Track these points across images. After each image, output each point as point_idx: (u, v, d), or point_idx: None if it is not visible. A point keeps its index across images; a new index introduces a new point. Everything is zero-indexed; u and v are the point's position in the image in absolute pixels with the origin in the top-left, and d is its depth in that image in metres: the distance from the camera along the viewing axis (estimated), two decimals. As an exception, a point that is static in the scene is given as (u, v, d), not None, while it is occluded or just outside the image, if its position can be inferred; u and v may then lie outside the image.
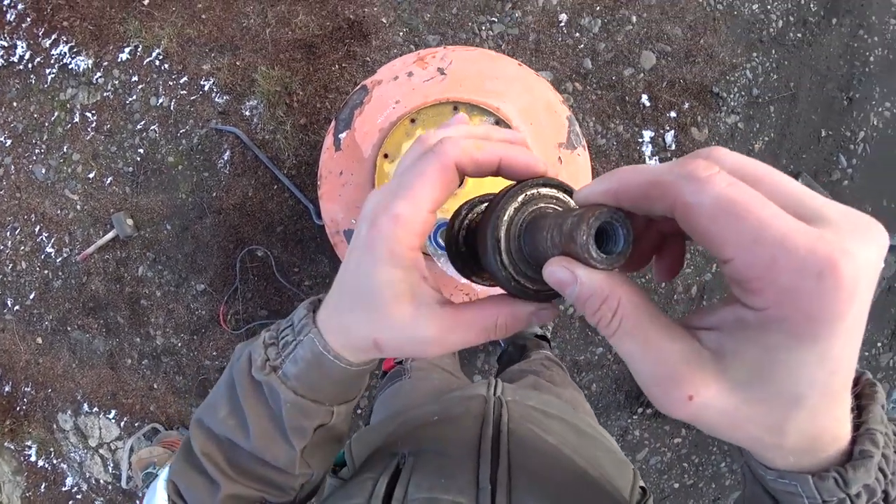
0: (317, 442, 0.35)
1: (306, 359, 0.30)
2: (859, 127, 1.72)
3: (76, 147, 1.71)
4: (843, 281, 0.16)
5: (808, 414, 0.19)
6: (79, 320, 1.74)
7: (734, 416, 0.20)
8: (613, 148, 1.60)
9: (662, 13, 1.60)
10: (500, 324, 0.26)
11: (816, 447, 0.22)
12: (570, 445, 0.46)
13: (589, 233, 0.21)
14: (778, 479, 0.24)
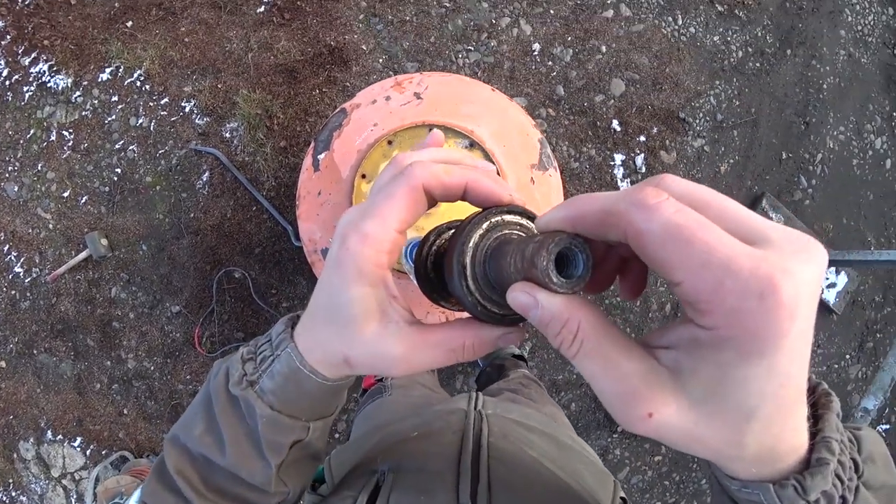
0: (293, 459, 0.35)
1: (283, 373, 0.31)
2: (817, 149, 1.82)
3: (51, 165, 1.69)
4: (784, 300, 0.17)
5: (762, 426, 0.20)
6: (46, 343, 1.68)
7: (693, 431, 0.21)
8: (586, 171, 1.66)
9: (630, 43, 1.69)
10: (466, 346, 0.27)
11: (775, 457, 0.23)
12: (551, 458, 0.46)
13: (549, 258, 0.22)
14: (742, 489, 0.24)
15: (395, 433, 0.50)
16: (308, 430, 0.33)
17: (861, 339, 1.90)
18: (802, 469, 0.23)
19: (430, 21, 1.67)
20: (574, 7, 1.70)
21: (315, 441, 0.35)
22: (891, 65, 1.90)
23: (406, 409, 0.67)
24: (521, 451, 0.45)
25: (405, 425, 0.52)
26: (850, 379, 1.89)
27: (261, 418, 0.32)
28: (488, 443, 0.43)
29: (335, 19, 1.66)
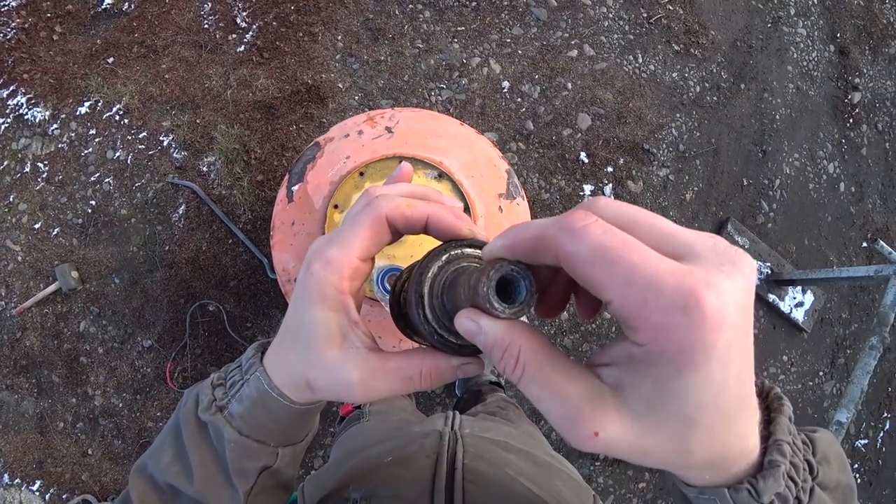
0: (263, 487, 0.35)
1: (251, 397, 0.31)
2: (775, 175, 1.92)
3: (23, 197, 1.67)
4: (708, 312, 0.17)
5: (706, 434, 0.21)
6: (7, 380, 1.62)
7: (640, 445, 0.21)
8: (557, 201, 1.72)
9: (595, 80, 1.79)
10: (423, 374, 0.27)
11: (726, 463, 0.23)
12: (528, 476, 0.46)
13: (489, 285, 0.22)
14: (699, 496, 0.25)
15: (369, 458, 0.50)
16: (276, 457, 0.33)
17: (833, 356, 1.95)
18: (755, 472, 0.24)
19: (403, 61, 1.74)
20: (540, 47, 1.80)
21: (284, 468, 0.35)
22: (836, 96, 2.04)
23: (382, 434, 0.66)
24: (497, 470, 0.45)
25: (379, 450, 0.51)
26: (825, 395, 1.93)
27: (229, 443, 0.32)
28: (463, 464, 0.43)
29: (313, 59, 1.72)
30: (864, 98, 2.06)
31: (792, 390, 1.88)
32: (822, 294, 1.92)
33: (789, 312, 1.87)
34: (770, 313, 1.88)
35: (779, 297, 1.85)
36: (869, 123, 2.06)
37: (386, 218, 0.28)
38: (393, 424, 0.80)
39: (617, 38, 1.85)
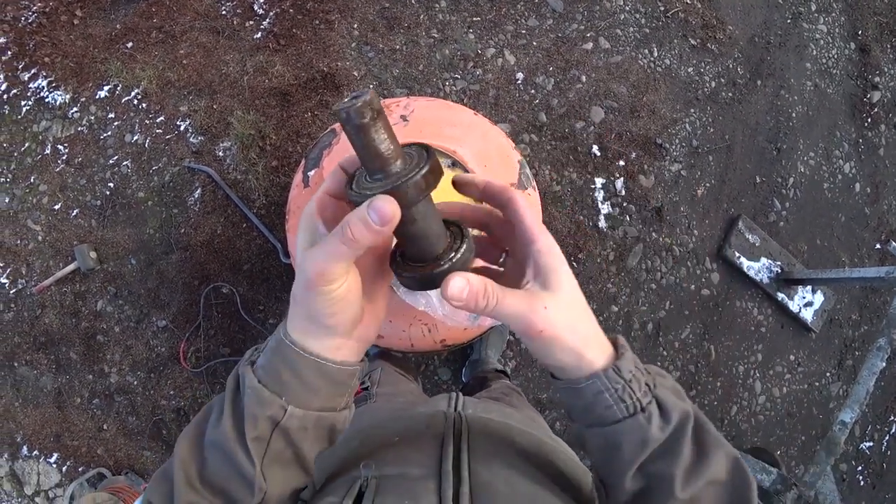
0: (276, 454, 0.36)
1: (271, 347, 0.36)
2: (789, 174, 1.91)
3: (44, 178, 1.71)
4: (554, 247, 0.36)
5: (587, 313, 0.36)
6: (27, 355, 1.67)
7: (568, 318, 0.34)
8: (568, 194, 1.72)
9: (609, 74, 1.78)
10: (343, 224, 0.31)
11: (604, 343, 0.37)
12: (530, 454, 0.47)
13: None
14: (587, 385, 0.36)
15: (376, 438, 0.51)
16: (285, 413, 0.35)
17: (840, 357, 1.95)
18: (614, 360, 0.36)
19: (419, 50, 1.75)
20: (555, 39, 1.79)
21: (298, 437, 0.37)
22: (854, 95, 2.01)
23: (388, 413, 0.67)
24: (502, 449, 0.46)
25: (386, 429, 0.52)
26: (831, 396, 1.92)
27: (247, 389, 0.35)
28: (469, 444, 0.44)
29: (328, 47, 1.73)
30: (884, 97, 2.03)
31: (797, 390, 1.88)
32: (832, 295, 1.91)
33: (798, 312, 1.86)
34: (778, 312, 1.87)
35: (788, 297, 1.85)
36: (888, 123, 2.03)
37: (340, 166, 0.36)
38: (399, 405, 0.81)
39: (633, 32, 1.84)
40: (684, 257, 1.79)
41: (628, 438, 0.36)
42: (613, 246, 1.73)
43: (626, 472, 0.37)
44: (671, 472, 0.36)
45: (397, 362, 1.17)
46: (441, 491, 0.36)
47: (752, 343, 1.84)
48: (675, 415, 0.36)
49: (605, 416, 0.36)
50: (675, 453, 0.36)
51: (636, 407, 0.35)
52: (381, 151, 0.30)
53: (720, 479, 0.37)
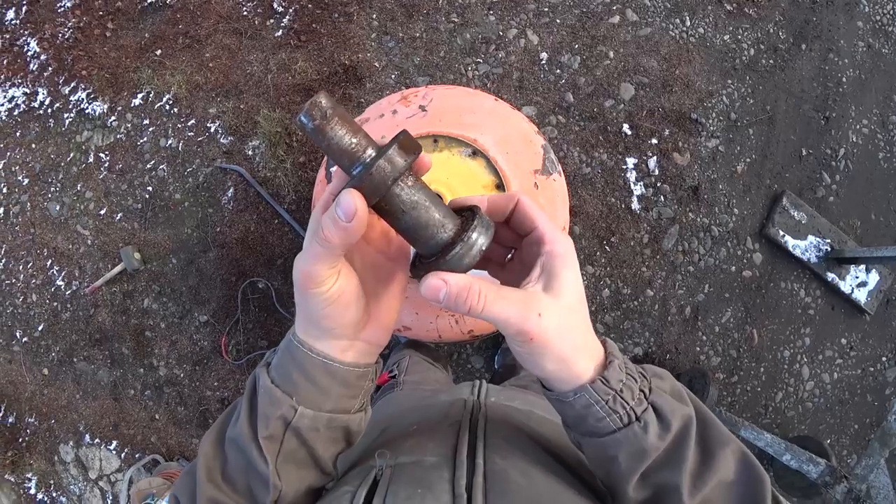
0: (289, 453, 0.37)
1: (283, 349, 0.36)
2: (839, 144, 1.78)
3: (89, 185, 1.81)
4: (568, 238, 0.35)
5: (583, 316, 0.34)
6: (85, 352, 1.79)
7: (563, 323, 0.33)
8: (598, 176, 1.67)
9: (638, 48, 1.70)
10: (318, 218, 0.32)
11: (595, 351, 0.35)
12: (550, 443, 0.46)
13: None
14: (576, 399, 0.34)
15: (396, 427, 0.51)
16: (294, 413, 0.35)
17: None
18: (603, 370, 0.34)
19: (439, 36, 1.72)
20: (580, 15, 1.72)
21: (310, 438, 0.37)
22: (915, 56, 1.84)
23: (412, 402, 0.67)
24: (519, 438, 0.45)
25: (406, 419, 0.52)
26: (887, 382, 1.81)
27: (260, 389, 0.36)
28: (485, 433, 0.43)
29: (348, 39, 1.73)
30: (949, 53, 1.85)
31: (850, 376, 1.78)
32: (888, 274, 1.78)
33: (850, 293, 1.74)
34: (828, 293, 1.76)
35: (839, 277, 1.73)
36: (953, 82, 1.85)
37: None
38: (423, 394, 0.81)
39: (662, 1, 1.74)
40: (724, 238, 1.70)
41: (624, 450, 0.34)
42: (647, 228, 1.67)
43: (627, 482, 0.36)
44: (677, 481, 0.34)
45: (427, 351, 1.18)
46: (454, 479, 0.35)
47: (799, 326, 1.75)
48: (676, 421, 0.34)
49: (597, 428, 0.35)
50: (678, 460, 0.35)
51: (630, 417, 0.34)
52: (345, 147, 0.30)
53: (729, 479, 0.35)
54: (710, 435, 0.36)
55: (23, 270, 1.84)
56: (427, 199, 0.33)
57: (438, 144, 0.94)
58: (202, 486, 0.37)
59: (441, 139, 0.95)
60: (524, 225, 0.36)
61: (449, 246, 0.33)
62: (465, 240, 0.32)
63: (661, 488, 0.36)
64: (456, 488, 0.34)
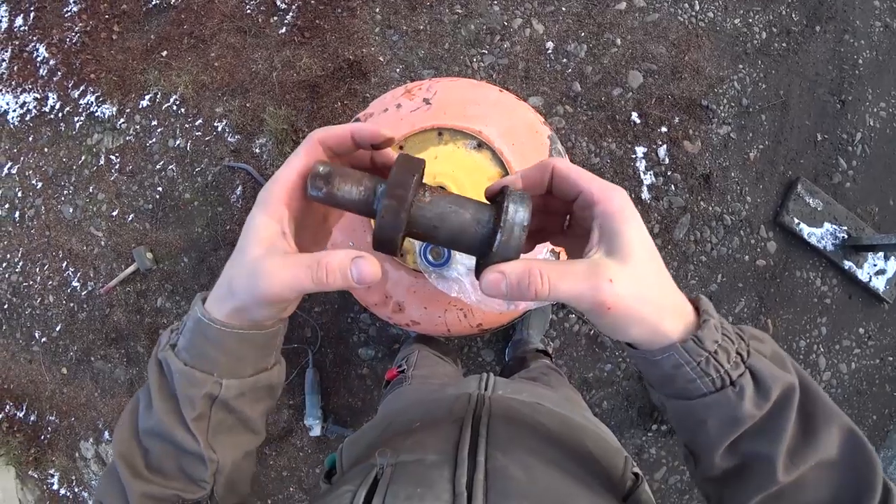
0: (219, 424, 0.37)
1: (191, 328, 0.34)
2: (855, 129, 1.73)
3: (101, 187, 1.83)
4: (622, 191, 0.33)
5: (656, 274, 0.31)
6: (101, 351, 1.82)
7: (638, 290, 0.30)
8: (607, 165, 1.65)
9: (646, 34, 1.67)
10: (321, 263, 0.30)
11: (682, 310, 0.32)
12: (555, 436, 0.46)
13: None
14: (664, 358, 0.32)
15: (400, 423, 0.51)
16: (220, 387, 0.35)
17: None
18: (695, 329, 0.32)
19: (443, 28, 1.70)
20: (586, 2, 1.69)
21: (237, 404, 0.37)
22: (935, 34, 1.78)
23: (418, 397, 0.67)
24: (522, 433, 0.45)
25: (410, 414, 0.52)
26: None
27: (175, 373, 0.35)
28: (487, 430, 0.43)
29: (352, 34, 1.72)
30: (972, 31, 1.79)
31: (868, 366, 1.74)
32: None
33: (868, 281, 1.70)
34: (845, 282, 1.72)
35: (856, 265, 1.69)
36: (976, 61, 1.79)
37: (317, 140, 0.34)
38: (430, 388, 0.81)
39: (671, -14, 1.71)
40: (736, 226, 1.67)
41: (715, 415, 0.32)
42: (658, 218, 1.65)
43: (715, 449, 0.34)
44: (771, 453, 0.32)
45: (436, 345, 1.18)
46: (455, 478, 0.35)
47: (815, 316, 1.71)
48: (777, 389, 0.32)
49: (687, 390, 0.33)
50: (775, 432, 0.32)
51: (724, 381, 0.32)
52: (356, 198, 0.32)
53: (831, 459, 0.32)
54: (814, 408, 0.33)
55: (39, 272, 1.88)
56: (451, 205, 0.33)
57: (443, 137, 0.93)
58: (130, 484, 0.36)
59: (446, 132, 0.94)
60: (568, 191, 0.34)
61: (491, 237, 0.32)
62: (503, 225, 0.31)
63: (753, 458, 0.33)
64: (456, 487, 0.34)
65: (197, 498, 0.38)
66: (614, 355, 1.68)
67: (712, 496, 0.38)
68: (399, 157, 0.32)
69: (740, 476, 0.34)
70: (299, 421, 1.70)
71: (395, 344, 1.68)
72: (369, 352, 1.69)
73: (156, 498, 0.37)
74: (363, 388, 1.71)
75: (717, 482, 0.36)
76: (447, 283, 0.89)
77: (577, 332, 1.67)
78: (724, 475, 0.35)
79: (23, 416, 1.89)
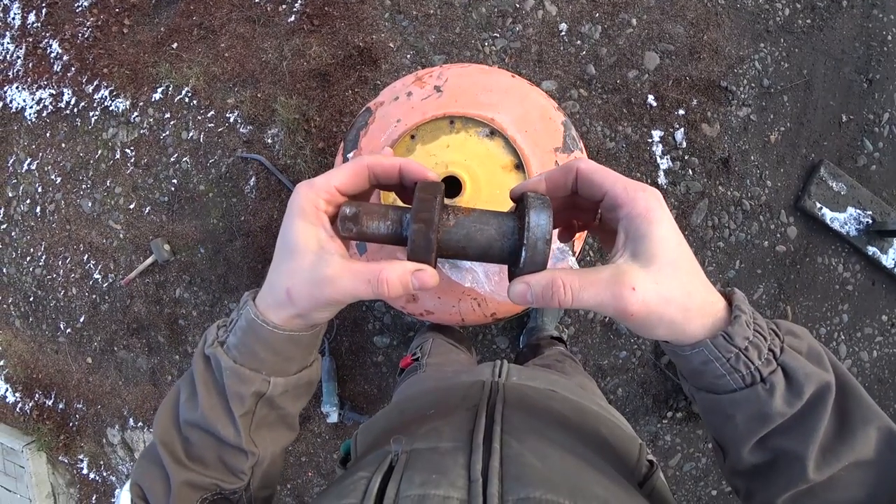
0: (262, 420, 0.39)
1: (242, 327, 0.36)
2: (883, 109, 1.66)
3: (118, 181, 1.86)
4: (650, 191, 0.32)
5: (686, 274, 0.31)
6: (124, 341, 1.87)
7: (661, 292, 0.30)
8: (623, 150, 1.61)
9: (662, 13, 1.62)
10: (381, 278, 0.32)
11: (710, 308, 0.32)
12: (570, 423, 0.46)
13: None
14: (693, 353, 0.32)
15: (414, 410, 0.51)
16: (269, 385, 0.37)
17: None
18: (726, 325, 0.32)
19: (454, 12, 1.67)
20: (600, -19, 1.64)
21: (281, 401, 0.39)
22: (971, 6, 1.69)
23: (432, 384, 0.67)
24: (536, 420, 0.44)
25: (424, 401, 0.52)
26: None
27: (225, 370, 0.36)
28: (503, 415, 0.43)
29: (362, 20, 1.70)
30: None
31: (890, 354, 1.70)
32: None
33: (893, 267, 1.65)
34: (868, 268, 1.68)
35: (880, 250, 1.64)
36: None
37: (367, 166, 0.35)
38: (444, 376, 0.81)
39: (689, -38, 1.64)
40: (756, 211, 1.63)
41: (744, 410, 0.32)
42: (675, 203, 1.62)
43: (743, 444, 0.34)
44: (802, 451, 0.32)
45: (450, 334, 1.18)
46: (470, 464, 0.35)
47: (837, 303, 1.67)
48: (810, 386, 0.31)
49: (715, 385, 0.33)
50: (807, 430, 0.32)
51: (754, 377, 0.31)
52: (385, 233, 0.34)
53: (868, 459, 0.32)
54: (851, 407, 0.32)
55: (62, 266, 1.92)
56: (475, 223, 0.34)
57: (455, 125, 0.92)
58: (174, 470, 0.37)
59: (457, 120, 0.93)
60: (593, 193, 0.34)
61: (517, 250, 0.34)
62: (526, 242, 0.32)
63: (783, 455, 0.33)
64: (472, 473, 0.34)
65: (234, 488, 0.40)
66: (629, 342, 1.67)
67: (741, 489, 0.37)
68: (419, 185, 0.33)
69: (770, 472, 0.34)
70: (317, 408, 1.73)
71: (410, 332, 1.69)
72: (384, 340, 1.71)
73: (196, 485, 0.38)
74: (378, 375, 1.73)
75: (745, 476, 0.36)
76: (461, 273, 0.89)
77: (591, 319, 1.66)
78: (754, 469, 0.35)
79: (52, 405, 1.96)
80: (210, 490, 0.39)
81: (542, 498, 0.30)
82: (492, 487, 0.32)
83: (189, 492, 0.38)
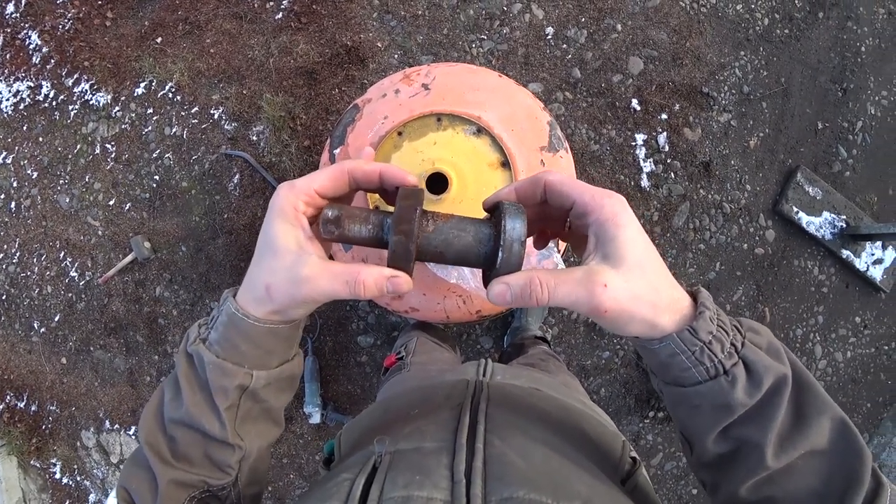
0: (246, 414, 0.39)
1: (223, 322, 0.37)
2: (856, 117, 1.72)
3: (97, 177, 1.82)
4: (617, 197, 0.34)
5: (654, 273, 0.33)
6: (101, 340, 1.82)
7: (631, 290, 0.32)
8: (607, 153, 1.64)
9: (647, 20, 1.65)
10: (359, 280, 0.33)
11: (677, 305, 0.34)
12: (553, 421, 0.46)
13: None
14: (660, 347, 0.34)
15: (397, 409, 0.51)
16: (251, 378, 0.38)
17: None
18: (691, 321, 0.34)
19: (442, 13, 1.68)
20: (586, -13, 1.67)
21: (264, 394, 0.39)
22: (938, 20, 1.76)
23: (416, 383, 0.66)
24: (519, 418, 0.44)
25: (408, 400, 0.52)
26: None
27: (208, 365, 0.37)
28: (486, 414, 0.43)
29: (350, 19, 1.70)
30: (975, 16, 1.77)
31: (863, 355, 1.75)
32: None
33: (865, 270, 1.71)
34: (843, 271, 1.73)
35: (854, 254, 1.70)
36: (979, 47, 1.78)
37: (347, 171, 0.36)
38: (428, 375, 0.80)
39: (672, -30, 1.68)
40: (736, 214, 1.67)
41: (708, 402, 0.34)
42: (657, 206, 1.64)
43: (708, 434, 0.36)
44: (761, 439, 0.34)
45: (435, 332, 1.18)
46: (453, 465, 0.34)
47: (812, 304, 1.72)
48: (769, 378, 0.33)
49: (681, 378, 0.35)
50: (766, 419, 0.34)
51: (717, 370, 0.33)
52: (366, 236, 0.35)
53: (821, 448, 0.34)
54: (806, 399, 0.35)
55: (37, 263, 1.87)
56: (453, 229, 0.36)
57: (442, 123, 0.92)
58: (160, 470, 0.38)
59: (445, 117, 0.93)
60: (562, 202, 0.36)
61: (493, 254, 0.35)
62: (503, 244, 0.34)
63: (744, 444, 0.35)
64: (455, 474, 0.34)
65: (223, 483, 0.40)
66: (612, 343, 1.69)
67: (708, 482, 0.39)
68: (400, 192, 0.35)
69: (732, 461, 0.36)
70: (299, 409, 1.71)
71: (394, 331, 1.68)
72: (368, 339, 1.70)
73: (183, 483, 0.39)
74: (362, 375, 1.71)
75: (711, 468, 0.38)
76: (446, 270, 0.89)
77: (575, 319, 1.68)
78: (718, 460, 0.37)
79: (24, 406, 1.90)
80: (198, 487, 0.39)
81: (524, 497, 0.30)
82: (475, 488, 0.32)
83: (176, 491, 0.38)
